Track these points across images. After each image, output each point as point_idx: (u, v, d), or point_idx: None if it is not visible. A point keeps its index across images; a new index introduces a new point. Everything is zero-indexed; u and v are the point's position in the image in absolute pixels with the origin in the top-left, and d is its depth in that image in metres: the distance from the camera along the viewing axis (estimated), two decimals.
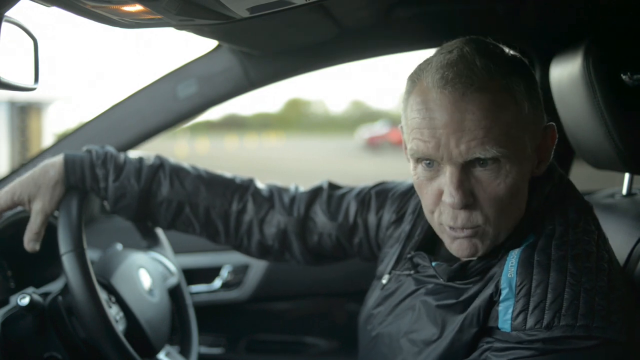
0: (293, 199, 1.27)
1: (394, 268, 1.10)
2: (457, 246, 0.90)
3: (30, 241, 1.14)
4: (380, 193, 1.23)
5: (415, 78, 0.90)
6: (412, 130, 0.88)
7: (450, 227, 0.89)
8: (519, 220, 0.90)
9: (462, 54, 0.85)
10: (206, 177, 1.28)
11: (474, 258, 0.92)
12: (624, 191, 1.24)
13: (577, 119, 1.17)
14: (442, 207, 0.89)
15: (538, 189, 0.92)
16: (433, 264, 0.97)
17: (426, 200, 0.92)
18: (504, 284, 0.85)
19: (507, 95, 0.84)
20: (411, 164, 0.93)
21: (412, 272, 1.04)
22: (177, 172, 1.26)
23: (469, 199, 0.85)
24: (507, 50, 0.92)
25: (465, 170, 0.85)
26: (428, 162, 0.88)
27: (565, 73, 1.17)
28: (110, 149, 1.24)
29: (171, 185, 1.24)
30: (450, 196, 0.85)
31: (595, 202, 1.25)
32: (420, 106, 0.86)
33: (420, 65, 0.92)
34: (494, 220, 0.87)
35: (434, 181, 0.89)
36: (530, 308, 0.81)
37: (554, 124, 0.92)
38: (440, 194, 0.88)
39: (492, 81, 0.83)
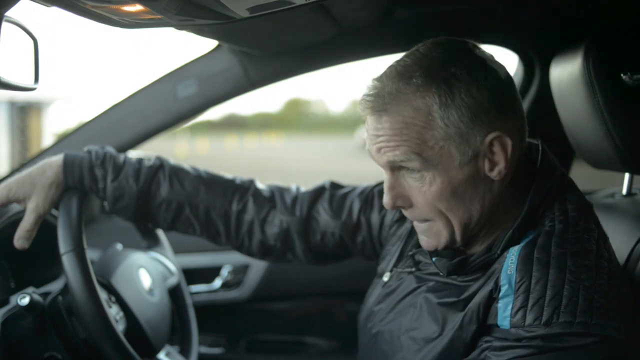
0: (295, 199, 1.27)
1: (395, 265, 1.10)
2: (420, 239, 0.98)
3: (20, 238, 1.14)
4: (383, 192, 1.24)
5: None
6: None
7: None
8: (478, 221, 0.92)
9: (381, 78, 0.93)
10: (206, 177, 1.28)
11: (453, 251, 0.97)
12: (624, 191, 1.24)
13: (577, 119, 1.17)
14: None
15: (538, 186, 0.93)
16: (433, 259, 0.98)
17: None
18: (503, 280, 0.86)
19: (418, 114, 0.88)
20: None
21: (413, 269, 1.04)
22: (177, 173, 1.26)
23: (397, 201, 0.94)
24: (438, 61, 0.90)
25: (397, 176, 0.93)
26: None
27: (565, 73, 1.17)
28: (110, 149, 1.24)
29: (171, 186, 1.24)
30: (384, 197, 0.94)
31: (595, 202, 1.25)
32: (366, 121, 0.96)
33: None
34: (438, 219, 0.93)
35: None
36: (530, 304, 0.82)
37: (503, 134, 0.89)
38: None
39: (400, 104, 0.89)
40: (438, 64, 0.90)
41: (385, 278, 1.11)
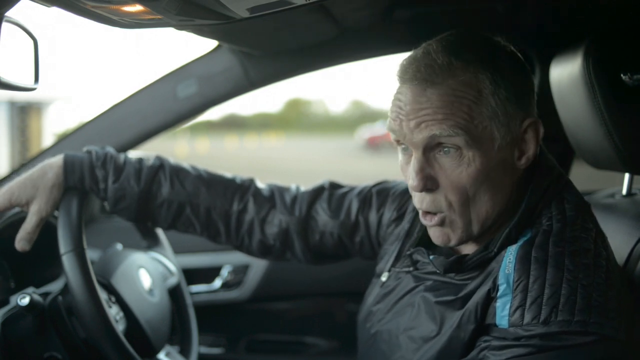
0: (294, 199, 1.28)
1: (393, 265, 1.11)
2: (432, 233, 0.95)
3: (21, 240, 1.14)
4: (381, 192, 1.24)
5: (396, 74, 0.95)
6: (389, 113, 0.94)
7: (421, 211, 0.95)
8: (498, 213, 0.92)
9: (427, 50, 0.90)
10: (206, 177, 1.28)
11: (452, 245, 0.95)
12: (624, 191, 1.24)
13: (577, 119, 1.17)
14: (413, 192, 0.95)
15: (536, 185, 0.93)
16: (431, 257, 0.99)
17: (407, 183, 0.96)
18: (501, 279, 0.86)
19: (469, 89, 0.87)
20: None
21: (411, 269, 1.04)
22: (178, 173, 1.26)
23: (427, 183, 0.90)
24: (484, 44, 0.93)
25: (428, 156, 0.90)
26: (404, 146, 0.94)
27: (565, 73, 1.17)
28: (110, 149, 1.24)
29: (171, 186, 1.24)
30: (411, 179, 0.90)
31: (595, 202, 1.25)
32: (394, 97, 0.93)
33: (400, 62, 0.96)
34: (458, 208, 0.90)
35: (408, 166, 0.94)
36: (528, 303, 0.82)
37: (539, 120, 0.93)
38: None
39: (452, 77, 0.87)
40: (483, 44, 0.92)
41: (384, 278, 1.11)
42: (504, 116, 0.89)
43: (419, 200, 0.93)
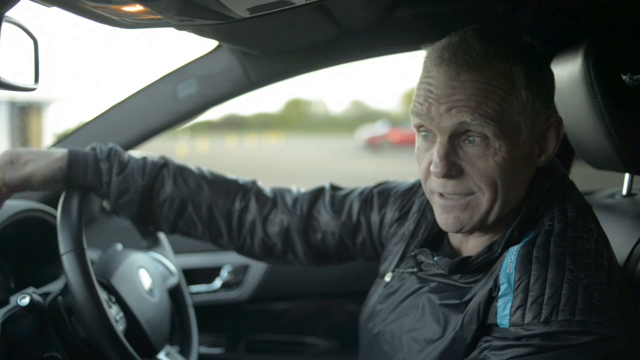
0: (296, 199, 1.28)
1: (397, 266, 1.11)
2: (444, 219, 0.93)
3: None
4: (383, 192, 1.24)
5: (424, 59, 0.94)
6: (414, 98, 0.93)
7: (441, 195, 0.93)
8: (513, 208, 0.92)
9: (464, 37, 0.90)
10: (209, 176, 1.28)
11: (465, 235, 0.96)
12: (624, 191, 1.24)
13: (577, 119, 1.17)
14: (432, 178, 0.94)
15: (538, 185, 0.94)
16: (435, 258, 0.98)
17: (421, 169, 0.96)
18: (502, 279, 0.86)
19: (503, 79, 0.87)
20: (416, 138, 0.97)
21: (415, 270, 1.04)
22: (181, 171, 1.26)
23: (451, 170, 0.89)
24: (518, 39, 0.94)
25: (454, 143, 0.89)
26: (425, 133, 0.93)
27: (565, 73, 1.17)
28: (115, 145, 1.24)
29: (174, 183, 1.24)
30: (434, 165, 0.89)
31: (595, 202, 1.25)
32: (423, 80, 0.92)
33: (429, 48, 0.96)
34: (488, 192, 0.89)
35: (428, 152, 0.93)
36: (529, 303, 0.82)
37: (561, 118, 0.94)
38: (430, 164, 0.92)
39: (488, 64, 0.87)
40: (516, 38, 0.93)
41: (387, 278, 1.11)
42: (532, 111, 0.90)
43: (440, 184, 0.92)
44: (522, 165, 0.91)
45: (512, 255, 0.87)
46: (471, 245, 0.99)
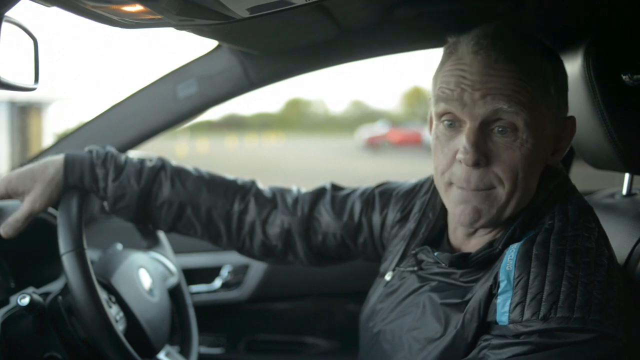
0: (296, 200, 1.27)
1: (397, 265, 1.11)
2: (461, 210, 0.92)
3: (7, 226, 1.12)
4: (384, 193, 1.24)
5: (452, 49, 0.94)
6: (439, 85, 0.93)
7: (462, 189, 0.92)
8: (524, 205, 0.92)
9: (499, 30, 0.92)
10: (208, 178, 1.28)
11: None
12: (624, 191, 1.24)
13: (577, 119, 1.17)
14: (454, 168, 0.92)
15: (542, 185, 0.94)
16: (435, 254, 0.99)
17: (440, 160, 0.94)
18: (502, 276, 0.86)
19: (535, 73, 0.89)
20: (432, 126, 0.97)
21: (415, 268, 1.04)
22: (179, 173, 1.26)
23: (481, 159, 0.89)
24: (543, 40, 0.96)
25: (484, 132, 0.89)
26: (450, 122, 0.92)
27: None
28: (111, 149, 1.24)
29: (172, 186, 1.24)
30: (464, 151, 0.89)
31: (595, 202, 1.25)
32: (453, 68, 0.92)
33: (457, 38, 0.96)
34: (509, 186, 0.89)
35: (452, 141, 0.92)
36: (528, 300, 0.82)
37: (574, 117, 0.96)
38: (455, 153, 0.91)
39: (523, 57, 0.89)
40: (540, 39, 0.96)
41: (388, 277, 1.11)
42: (556, 107, 0.92)
43: (464, 178, 0.90)
44: (539, 162, 0.93)
45: (512, 253, 0.88)
46: (472, 245, 0.99)
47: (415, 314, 0.99)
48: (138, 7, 0.78)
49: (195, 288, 1.89)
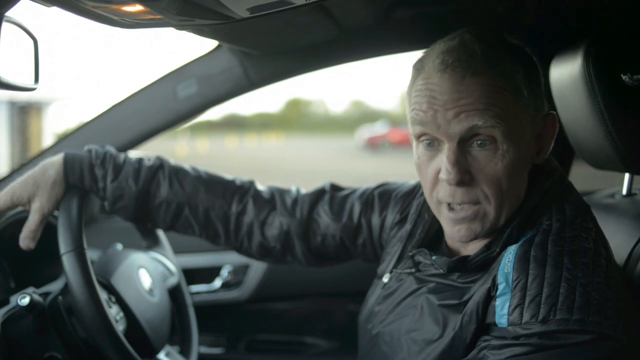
0: (295, 201, 1.27)
1: (395, 267, 1.10)
2: (456, 231, 0.92)
3: (25, 238, 1.15)
4: (384, 194, 1.24)
5: (419, 66, 0.93)
6: (412, 106, 0.91)
7: (449, 206, 0.91)
8: (517, 208, 0.92)
9: (463, 41, 0.90)
10: (206, 178, 1.28)
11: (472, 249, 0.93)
12: (624, 191, 1.24)
13: (577, 119, 1.17)
14: (439, 186, 0.92)
15: (538, 185, 0.94)
16: (433, 257, 0.98)
17: (426, 180, 0.94)
18: (500, 278, 0.86)
19: (505, 80, 0.87)
20: (414, 147, 0.96)
21: (413, 270, 1.04)
22: (177, 173, 1.26)
23: (464, 176, 0.88)
24: (509, 40, 0.94)
25: (463, 149, 0.88)
26: (429, 141, 0.91)
27: (565, 73, 1.17)
28: (110, 149, 1.25)
29: (170, 187, 1.24)
30: (446, 172, 0.88)
31: (595, 202, 1.25)
32: (422, 87, 0.90)
33: (423, 54, 0.95)
34: (494, 200, 0.89)
35: (433, 161, 0.92)
36: (527, 302, 0.81)
37: (554, 113, 0.95)
38: (438, 172, 0.91)
39: (490, 67, 0.87)
40: (509, 40, 0.93)
41: (385, 279, 1.11)
42: (533, 110, 0.91)
43: (449, 194, 0.90)
44: (524, 166, 0.92)
45: (510, 255, 0.87)
46: (470, 248, 0.99)
47: (413, 315, 0.99)
48: (138, 7, 0.78)
49: (195, 288, 1.89)
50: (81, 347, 1.12)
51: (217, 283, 1.91)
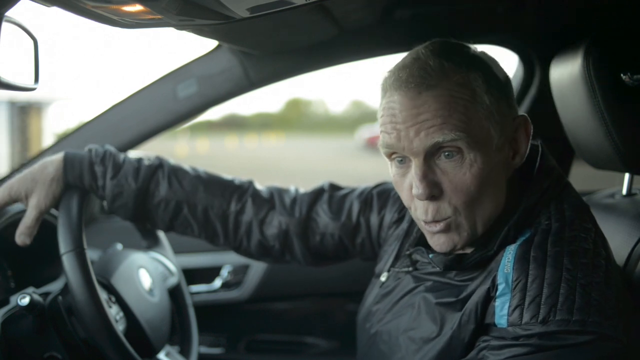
0: (294, 200, 1.27)
1: (392, 265, 1.11)
2: (435, 241, 0.93)
3: (21, 234, 1.14)
4: (382, 193, 1.24)
5: (384, 85, 0.93)
6: (380, 128, 0.92)
7: (425, 222, 0.92)
8: (498, 213, 0.92)
9: (417, 56, 0.90)
10: (205, 177, 1.28)
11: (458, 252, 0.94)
12: (624, 191, 1.24)
13: (577, 119, 1.17)
14: (415, 203, 0.92)
15: (535, 184, 0.93)
16: (430, 255, 0.98)
17: (403, 197, 0.95)
18: (500, 279, 0.86)
19: (464, 89, 0.87)
20: (389, 166, 0.96)
21: (410, 269, 1.04)
22: (176, 173, 1.26)
23: (433, 190, 0.88)
24: (468, 48, 0.94)
25: (430, 163, 0.88)
26: (400, 159, 0.92)
27: (565, 73, 1.17)
28: (110, 148, 1.25)
29: (169, 185, 1.24)
30: (415, 188, 0.88)
31: (595, 202, 1.25)
32: (386, 107, 0.91)
33: (386, 73, 0.95)
34: (463, 211, 0.89)
35: (406, 177, 0.92)
36: (526, 303, 0.81)
37: (526, 115, 0.94)
38: (411, 188, 0.91)
39: (446, 78, 0.87)
40: (466, 48, 0.93)
41: (383, 278, 1.11)
42: (499, 115, 0.90)
43: (423, 211, 0.91)
44: (499, 171, 0.91)
45: (509, 255, 0.87)
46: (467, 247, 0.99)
47: (410, 314, 0.99)
48: (138, 7, 0.78)
49: (195, 288, 1.89)
50: (81, 347, 1.12)
51: (217, 283, 1.91)
